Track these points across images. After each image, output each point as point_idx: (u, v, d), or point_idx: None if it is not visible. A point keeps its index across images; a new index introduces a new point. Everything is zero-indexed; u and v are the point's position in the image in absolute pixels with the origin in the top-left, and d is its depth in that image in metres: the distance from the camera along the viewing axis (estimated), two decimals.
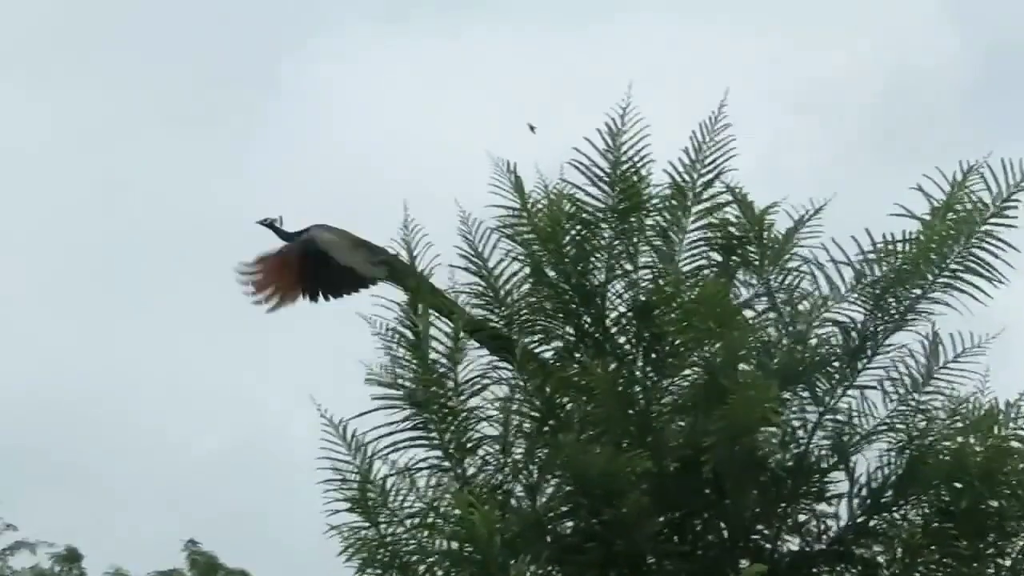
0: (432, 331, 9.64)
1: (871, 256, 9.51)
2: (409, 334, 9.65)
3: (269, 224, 9.31)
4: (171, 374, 32.05)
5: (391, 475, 9.53)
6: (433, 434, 9.57)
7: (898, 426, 9.51)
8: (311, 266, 9.62)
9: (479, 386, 9.62)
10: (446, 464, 9.56)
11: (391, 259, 9.76)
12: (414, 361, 9.62)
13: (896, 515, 9.45)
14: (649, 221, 9.67)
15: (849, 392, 9.53)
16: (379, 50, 39.71)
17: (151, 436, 31.54)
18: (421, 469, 9.56)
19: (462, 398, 9.60)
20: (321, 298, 9.75)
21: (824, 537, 9.49)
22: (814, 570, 9.42)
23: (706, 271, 9.67)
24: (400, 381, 9.62)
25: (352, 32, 39.91)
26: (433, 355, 9.64)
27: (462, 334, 9.30)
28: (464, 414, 9.58)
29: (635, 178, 9.59)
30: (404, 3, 39.11)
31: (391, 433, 9.57)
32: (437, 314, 9.39)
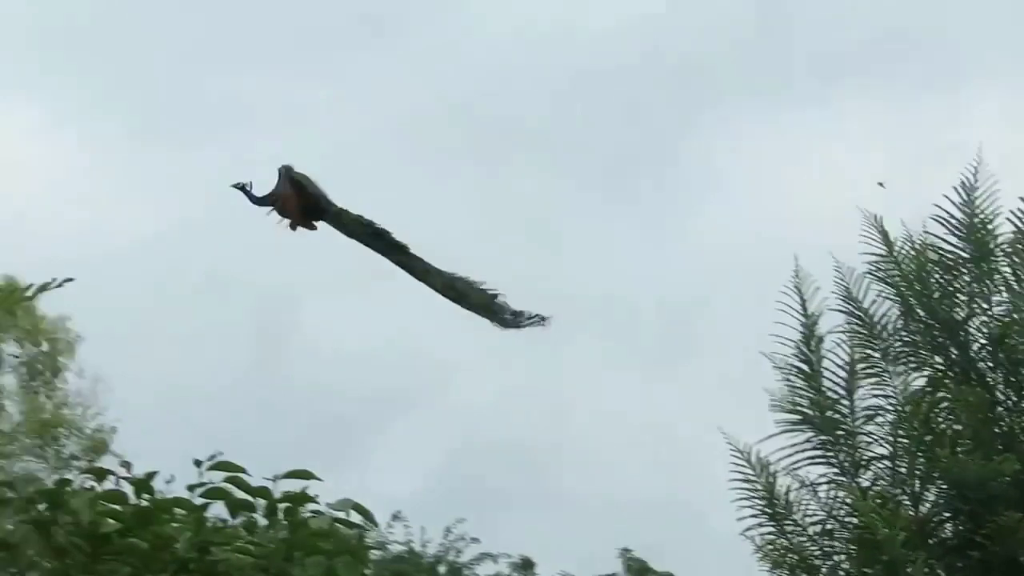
0: (825, 363, 10.69)
1: None
2: (806, 367, 10.71)
3: (241, 187, 9.69)
4: (601, 411, 33.47)
5: (794, 489, 10.57)
6: (830, 453, 10.55)
7: None
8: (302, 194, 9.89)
9: (870, 412, 10.58)
10: (842, 478, 10.51)
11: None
12: (811, 391, 10.66)
13: None
14: (1000, 264, 10.54)
15: None
16: (761, 120, 40.70)
17: (589, 462, 32.95)
18: (820, 484, 10.53)
19: (856, 422, 10.58)
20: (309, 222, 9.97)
21: None
22: None
23: None
24: (799, 408, 10.64)
25: (738, 104, 40.94)
26: (827, 384, 10.67)
27: None
28: (857, 435, 10.56)
29: (986, 229, 10.47)
30: (786, 76, 40.08)
31: (792, 453, 10.59)
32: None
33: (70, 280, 3.30)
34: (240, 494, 6.19)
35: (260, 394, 29.71)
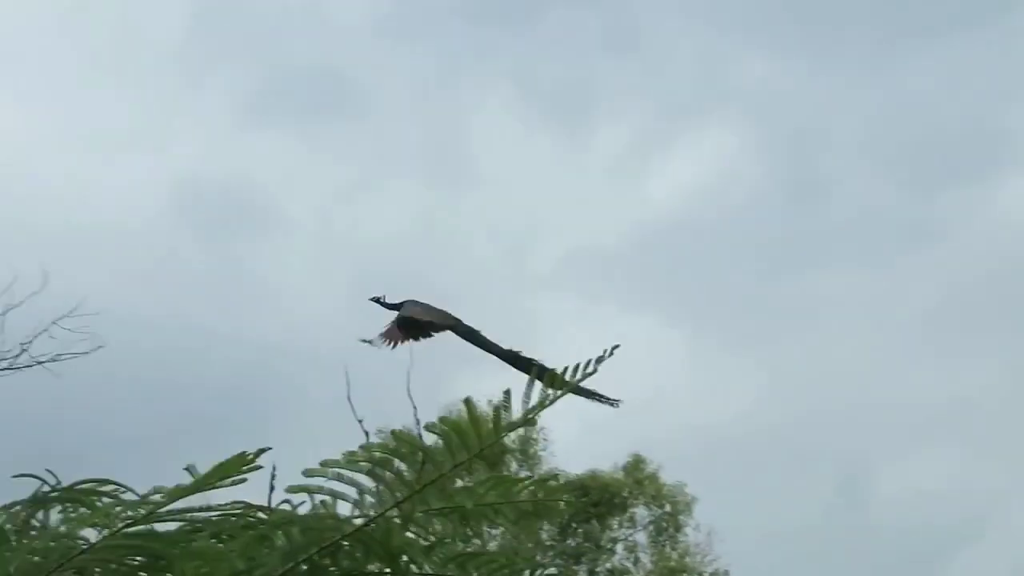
0: None
1: None
2: None
3: (377, 300, 10.02)
4: None
5: None
6: None
7: None
8: (408, 326, 10.07)
9: None
10: None
11: (457, 322, 9.95)
12: None
13: None
14: None
15: None
16: None
17: None
18: None
19: None
20: (416, 340, 10.11)
21: None
22: None
23: None
24: None
25: None
26: None
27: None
28: None
29: None
30: None
31: None
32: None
33: (617, 347, 3.54)
34: None
35: (840, 535, 29.99)
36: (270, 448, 3.14)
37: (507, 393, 3.35)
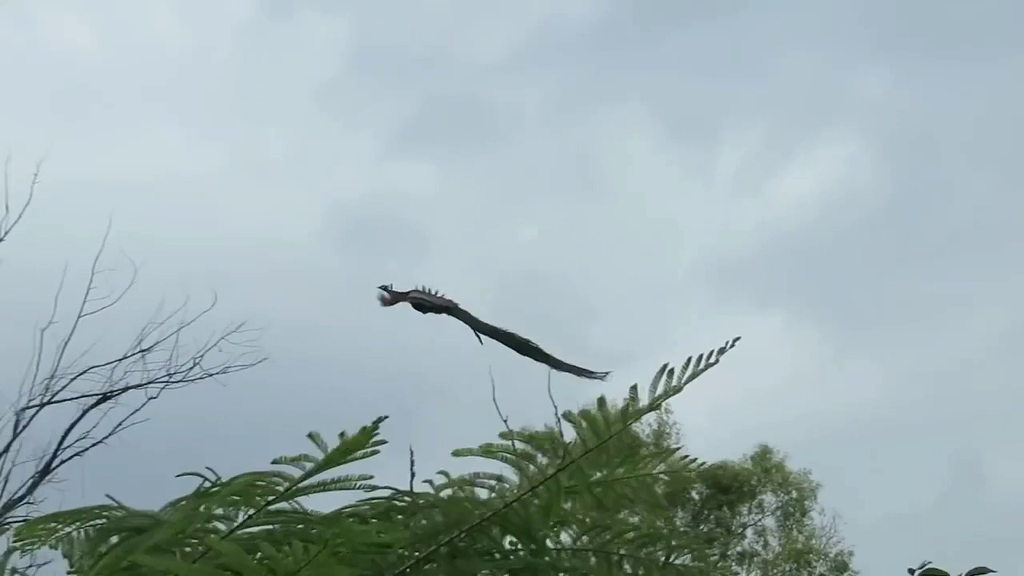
0: None
1: None
2: None
3: (384, 288, 9.70)
4: None
5: None
6: None
7: None
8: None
9: None
10: None
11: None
12: None
13: None
14: None
15: None
16: None
17: None
18: None
19: None
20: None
21: None
22: None
23: None
24: None
25: None
26: None
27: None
28: None
29: None
30: None
31: None
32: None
33: (738, 339, 3.57)
34: None
35: (958, 517, 29.81)
36: (387, 417, 3.18)
37: (634, 388, 3.42)
